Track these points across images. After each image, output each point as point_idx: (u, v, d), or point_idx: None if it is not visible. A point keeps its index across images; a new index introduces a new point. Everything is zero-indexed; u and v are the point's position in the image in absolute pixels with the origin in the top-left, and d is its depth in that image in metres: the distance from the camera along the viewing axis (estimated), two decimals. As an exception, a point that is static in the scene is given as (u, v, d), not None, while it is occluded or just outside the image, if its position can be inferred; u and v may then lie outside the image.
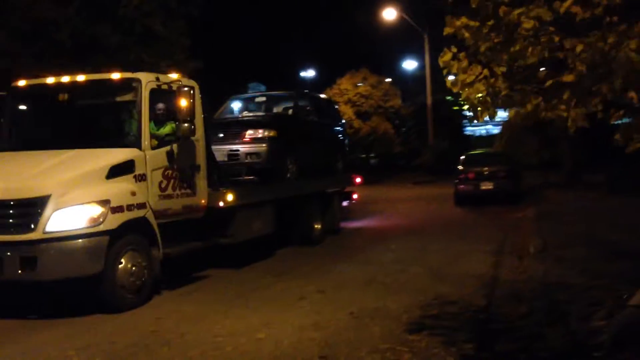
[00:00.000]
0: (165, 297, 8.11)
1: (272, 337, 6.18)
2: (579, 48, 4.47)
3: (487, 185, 19.09)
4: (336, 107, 16.29)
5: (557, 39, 4.67)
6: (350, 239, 13.36)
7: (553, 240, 11.01)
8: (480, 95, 5.01)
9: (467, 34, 5.04)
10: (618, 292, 6.64)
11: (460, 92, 5.13)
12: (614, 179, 19.93)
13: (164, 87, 8.39)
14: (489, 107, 5.03)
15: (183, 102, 8.22)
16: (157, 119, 8.46)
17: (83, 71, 10.08)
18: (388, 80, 40.89)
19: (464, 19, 5.02)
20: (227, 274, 9.54)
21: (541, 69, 4.84)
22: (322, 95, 16.63)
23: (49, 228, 6.96)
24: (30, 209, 7.05)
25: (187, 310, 7.39)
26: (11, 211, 7.13)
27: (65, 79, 8.63)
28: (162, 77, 8.49)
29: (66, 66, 12.85)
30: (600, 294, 6.90)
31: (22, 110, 9.07)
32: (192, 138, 8.70)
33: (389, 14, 34.37)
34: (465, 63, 4.97)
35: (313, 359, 5.48)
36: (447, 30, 5.19)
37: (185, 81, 8.87)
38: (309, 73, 56.93)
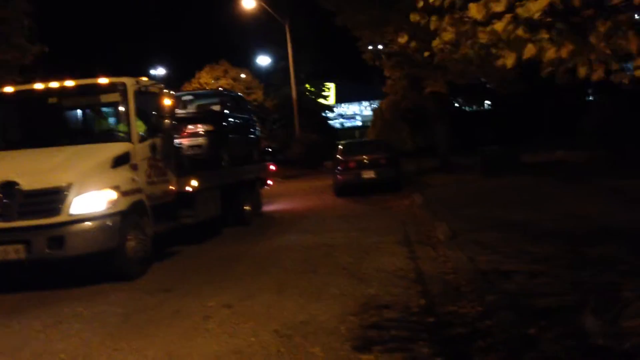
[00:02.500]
0: (24, 331, 6.27)
1: (185, 376, 4.72)
2: None
3: (368, 174, 18.45)
4: (248, 103, 17.94)
5: None
6: (233, 238, 11.93)
7: (458, 226, 10.38)
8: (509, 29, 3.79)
9: None
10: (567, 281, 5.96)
11: (483, 27, 3.89)
12: (488, 161, 20.23)
13: (143, 89, 9.60)
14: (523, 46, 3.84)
15: (166, 101, 9.81)
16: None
17: None
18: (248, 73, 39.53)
19: None
20: (101, 293, 7.82)
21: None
22: (238, 93, 18.63)
23: (72, 211, 7.98)
24: (56, 196, 7.99)
25: (59, 349, 5.65)
26: (38, 199, 8.00)
27: (54, 84, 9.49)
28: (140, 80, 9.67)
29: None
30: (551, 281, 6.19)
31: (11, 114, 9.89)
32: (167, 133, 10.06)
33: (248, 3, 33.07)
34: None
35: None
36: None
37: (159, 85, 10.21)
38: (159, 71, 54.19)
